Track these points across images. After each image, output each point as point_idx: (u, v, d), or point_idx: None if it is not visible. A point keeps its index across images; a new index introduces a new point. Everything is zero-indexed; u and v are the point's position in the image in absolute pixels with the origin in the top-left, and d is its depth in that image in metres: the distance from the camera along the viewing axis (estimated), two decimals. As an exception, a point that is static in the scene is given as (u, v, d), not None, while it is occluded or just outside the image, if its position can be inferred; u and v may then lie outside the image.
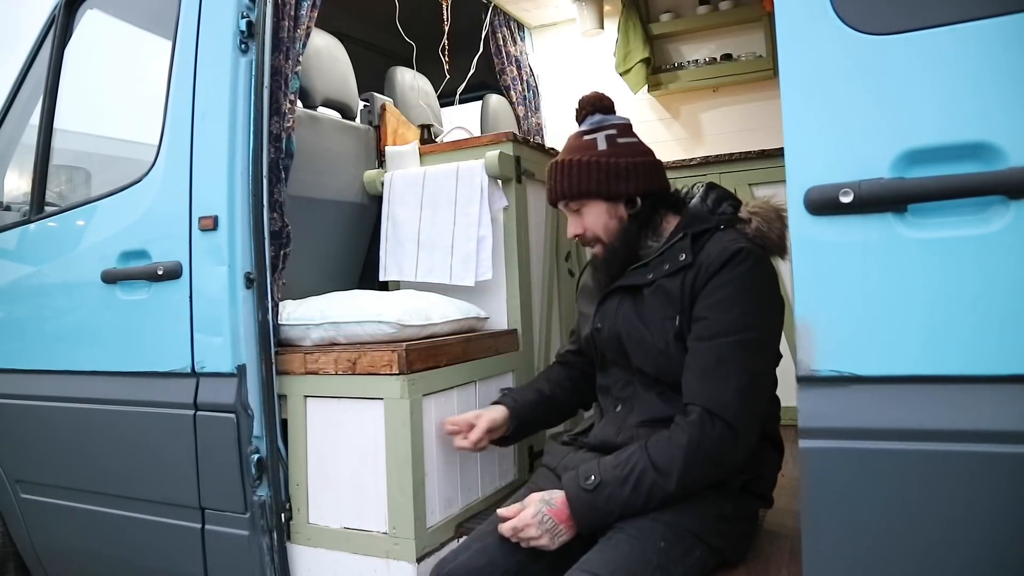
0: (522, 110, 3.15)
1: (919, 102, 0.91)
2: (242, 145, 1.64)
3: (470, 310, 1.88)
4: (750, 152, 2.69)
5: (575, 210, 1.38)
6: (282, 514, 1.63)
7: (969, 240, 0.88)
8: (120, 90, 3.23)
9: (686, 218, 1.35)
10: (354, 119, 2.25)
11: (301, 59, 1.76)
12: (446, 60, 2.66)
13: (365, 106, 2.34)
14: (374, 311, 1.66)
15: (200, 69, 1.69)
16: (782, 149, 0.98)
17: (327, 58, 2.12)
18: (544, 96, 3.37)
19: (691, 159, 2.85)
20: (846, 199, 0.92)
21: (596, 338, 1.40)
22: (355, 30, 2.98)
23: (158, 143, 1.76)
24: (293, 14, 1.72)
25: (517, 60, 3.20)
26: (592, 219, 1.36)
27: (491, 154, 1.94)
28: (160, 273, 1.70)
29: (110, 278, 1.80)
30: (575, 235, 1.40)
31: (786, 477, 1.66)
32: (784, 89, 0.98)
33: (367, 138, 2.28)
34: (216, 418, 1.64)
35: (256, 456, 1.61)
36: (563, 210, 1.42)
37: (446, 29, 2.64)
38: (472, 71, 2.82)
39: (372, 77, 2.63)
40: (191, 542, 1.69)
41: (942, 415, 0.90)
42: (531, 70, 3.30)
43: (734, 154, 2.74)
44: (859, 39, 0.94)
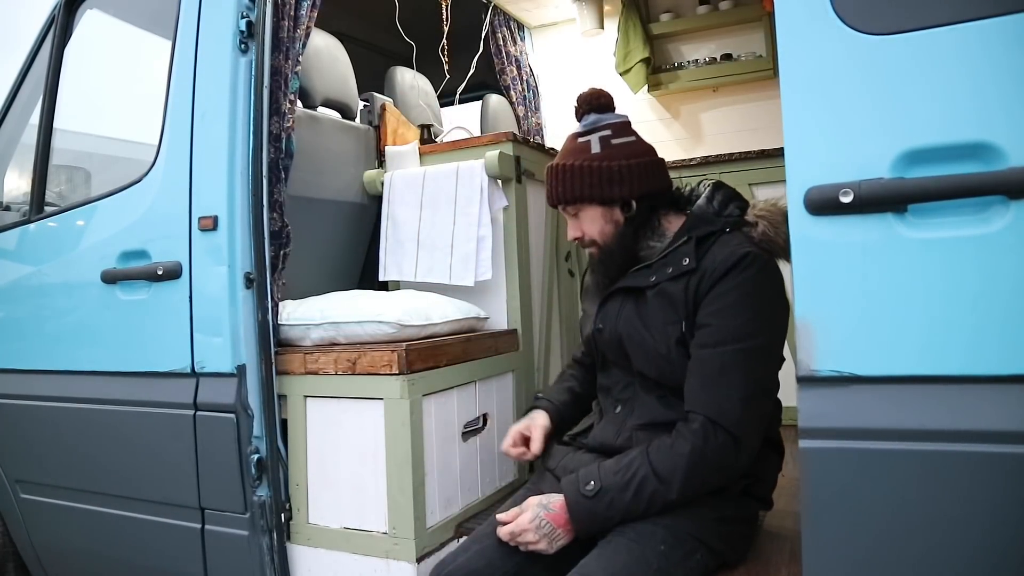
0: (522, 110, 3.15)
1: (919, 102, 0.91)
2: (242, 145, 1.64)
3: (470, 310, 1.88)
4: (750, 152, 2.69)
5: (572, 214, 1.38)
6: (282, 514, 1.63)
7: (969, 240, 0.88)
8: (120, 90, 3.23)
9: (691, 219, 1.33)
10: (354, 119, 2.25)
11: (301, 59, 1.76)
12: (446, 60, 2.66)
13: (365, 106, 2.34)
14: (374, 311, 1.66)
15: (200, 69, 1.69)
16: (782, 149, 0.98)
17: (327, 58, 2.12)
18: (544, 96, 3.37)
19: (691, 159, 2.85)
20: (846, 199, 0.92)
21: (597, 339, 1.40)
22: (355, 30, 2.98)
23: (158, 143, 1.76)
24: (293, 14, 1.72)
25: (517, 60, 3.20)
26: (588, 223, 1.36)
27: (491, 154, 1.94)
28: (160, 273, 1.70)
29: (110, 278, 1.80)
30: (574, 238, 1.40)
31: (786, 478, 1.66)
32: (784, 89, 0.98)
33: (367, 138, 2.28)
34: (216, 418, 1.64)
35: (256, 456, 1.61)
36: (562, 213, 1.42)
37: (446, 29, 2.64)
38: (472, 71, 2.82)
39: (372, 77, 2.63)
40: (191, 542, 1.69)
41: (942, 415, 0.89)
42: (531, 70, 3.30)
43: (734, 154, 2.74)
44: (859, 39, 0.94)
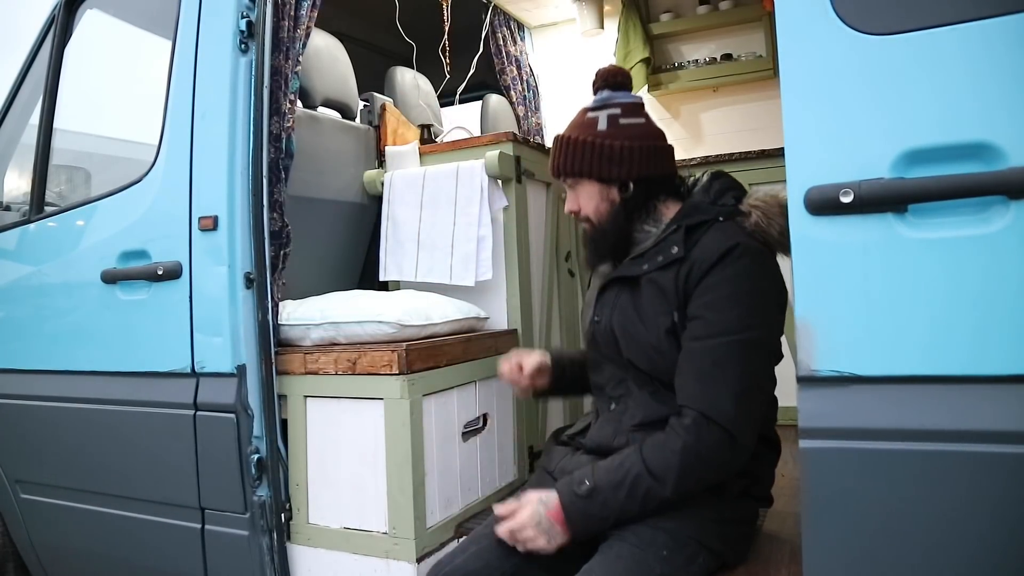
0: (522, 110, 3.15)
1: (919, 102, 0.91)
2: (242, 145, 1.64)
3: (470, 310, 1.88)
4: (750, 152, 2.69)
5: (571, 186, 1.37)
6: (282, 514, 1.63)
7: (969, 240, 0.88)
8: (120, 90, 3.23)
9: (685, 208, 1.32)
10: (354, 119, 2.25)
11: (301, 59, 1.76)
12: (446, 60, 2.66)
13: (365, 106, 2.34)
14: (374, 311, 1.66)
15: (200, 69, 1.69)
16: (782, 149, 0.98)
17: (327, 58, 2.12)
18: (544, 96, 3.37)
19: (691, 159, 2.84)
20: (846, 199, 0.92)
21: (595, 331, 1.38)
22: (355, 30, 2.98)
23: (158, 143, 1.76)
24: (293, 14, 1.72)
25: (517, 60, 3.20)
26: (585, 198, 1.35)
27: (491, 154, 1.94)
28: (160, 273, 1.70)
29: (110, 278, 1.80)
30: (570, 210, 1.39)
31: (786, 478, 1.66)
32: (784, 89, 0.98)
33: (367, 138, 2.28)
34: (216, 418, 1.64)
35: (256, 456, 1.61)
36: (562, 184, 1.41)
37: (446, 29, 2.64)
38: (472, 71, 2.82)
39: (372, 77, 2.63)
40: (191, 542, 1.69)
41: (942, 415, 0.89)
42: (531, 70, 3.30)
43: (734, 154, 2.73)
44: (859, 39, 0.93)
